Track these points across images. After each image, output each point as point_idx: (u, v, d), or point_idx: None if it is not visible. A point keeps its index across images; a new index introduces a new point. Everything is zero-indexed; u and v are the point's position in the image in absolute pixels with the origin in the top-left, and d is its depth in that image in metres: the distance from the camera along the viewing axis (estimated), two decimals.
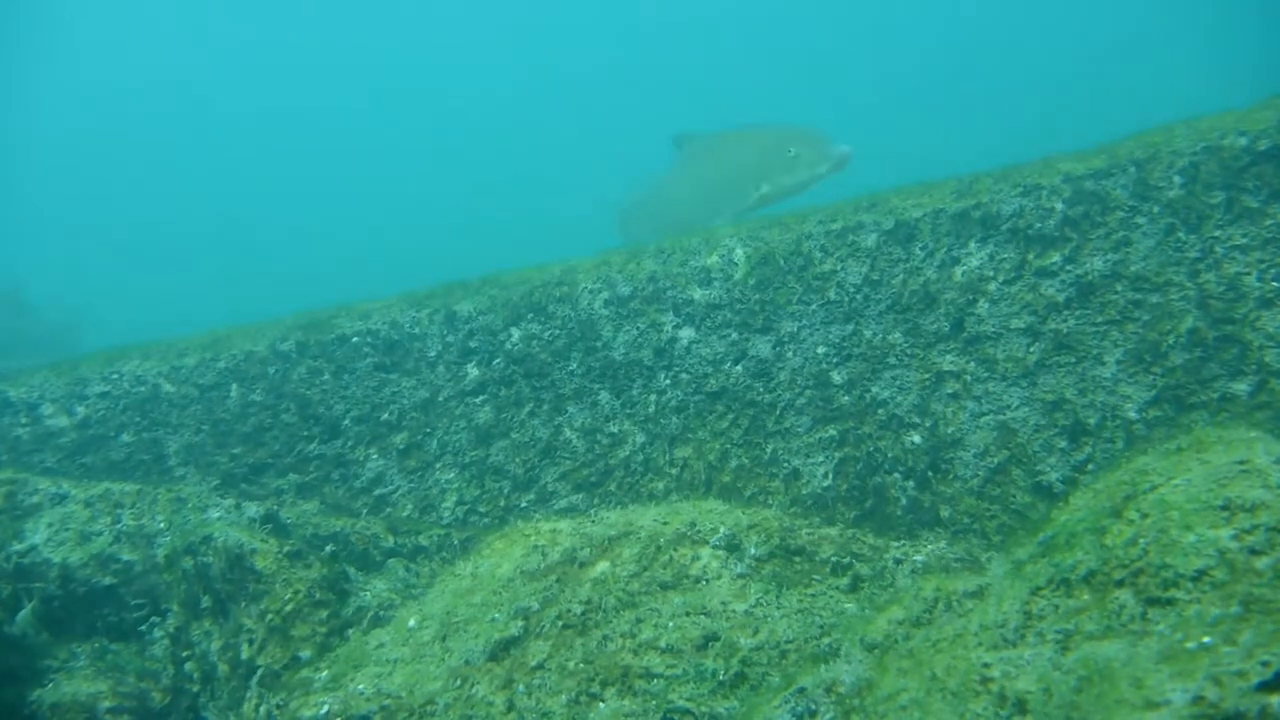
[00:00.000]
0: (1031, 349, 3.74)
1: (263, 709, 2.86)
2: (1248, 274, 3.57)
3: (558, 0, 46.68)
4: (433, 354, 4.42)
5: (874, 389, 3.89)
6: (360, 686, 2.72)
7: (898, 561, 2.97)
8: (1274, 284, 3.54)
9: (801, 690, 2.08)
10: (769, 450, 3.95)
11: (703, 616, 2.62)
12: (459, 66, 46.61)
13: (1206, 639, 1.60)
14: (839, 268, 4.02)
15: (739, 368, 4.06)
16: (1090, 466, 3.58)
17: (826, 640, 2.34)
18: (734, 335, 4.09)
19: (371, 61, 45.82)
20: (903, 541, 3.18)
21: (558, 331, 4.30)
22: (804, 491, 3.86)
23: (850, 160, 5.84)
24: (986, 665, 1.82)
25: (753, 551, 2.85)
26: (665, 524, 2.99)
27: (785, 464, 3.91)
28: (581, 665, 2.54)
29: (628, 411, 4.16)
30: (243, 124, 43.99)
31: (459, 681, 2.61)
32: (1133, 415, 3.60)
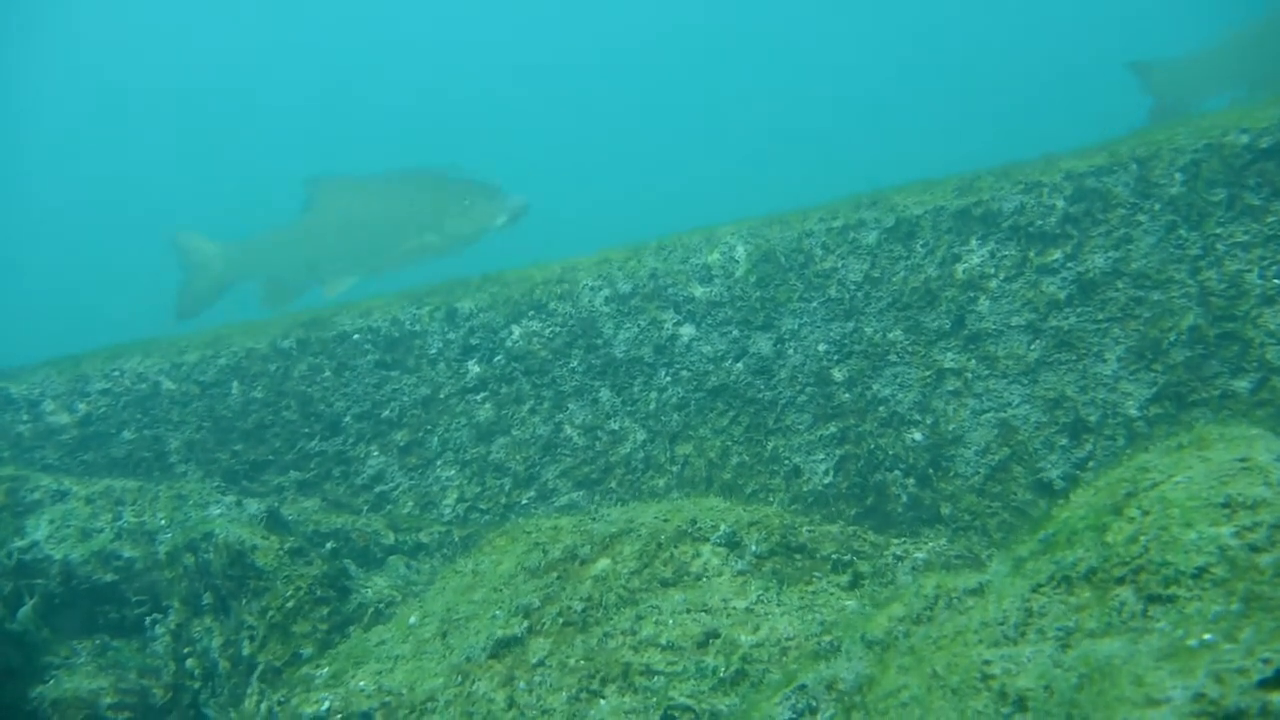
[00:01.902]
0: (1033, 346, 3.74)
1: (264, 705, 2.87)
2: (1249, 271, 3.57)
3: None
4: (434, 351, 4.42)
5: (875, 386, 3.89)
6: (361, 683, 2.72)
7: (898, 559, 2.97)
8: (1275, 281, 3.53)
9: (802, 687, 2.08)
10: (770, 447, 3.95)
11: (703, 613, 2.62)
12: (456, 65, 46.59)
13: (1207, 636, 1.60)
14: (840, 265, 4.01)
15: (740, 365, 4.06)
16: (1091, 464, 3.58)
17: (827, 637, 2.34)
18: (735, 332, 4.09)
19: (371, 58, 45.81)
20: (904, 539, 3.18)
21: (558, 329, 4.30)
22: (805, 489, 3.86)
23: None
24: (987, 662, 1.82)
25: (753, 549, 2.85)
26: (666, 521, 2.99)
27: (786, 461, 3.91)
28: (582, 662, 2.54)
29: (628, 409, 4.16)
30: (242, 122, 43.99)
31: (460, 678, 2.61)
32: (1134, 412, 3.60)
